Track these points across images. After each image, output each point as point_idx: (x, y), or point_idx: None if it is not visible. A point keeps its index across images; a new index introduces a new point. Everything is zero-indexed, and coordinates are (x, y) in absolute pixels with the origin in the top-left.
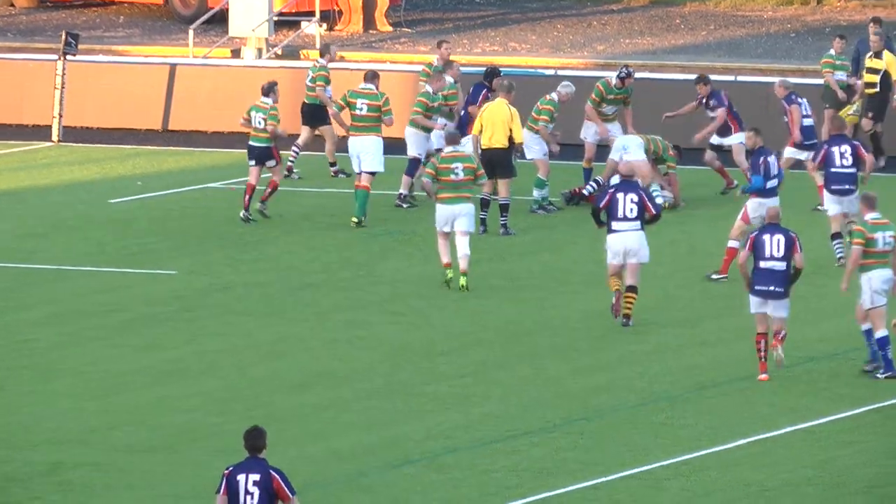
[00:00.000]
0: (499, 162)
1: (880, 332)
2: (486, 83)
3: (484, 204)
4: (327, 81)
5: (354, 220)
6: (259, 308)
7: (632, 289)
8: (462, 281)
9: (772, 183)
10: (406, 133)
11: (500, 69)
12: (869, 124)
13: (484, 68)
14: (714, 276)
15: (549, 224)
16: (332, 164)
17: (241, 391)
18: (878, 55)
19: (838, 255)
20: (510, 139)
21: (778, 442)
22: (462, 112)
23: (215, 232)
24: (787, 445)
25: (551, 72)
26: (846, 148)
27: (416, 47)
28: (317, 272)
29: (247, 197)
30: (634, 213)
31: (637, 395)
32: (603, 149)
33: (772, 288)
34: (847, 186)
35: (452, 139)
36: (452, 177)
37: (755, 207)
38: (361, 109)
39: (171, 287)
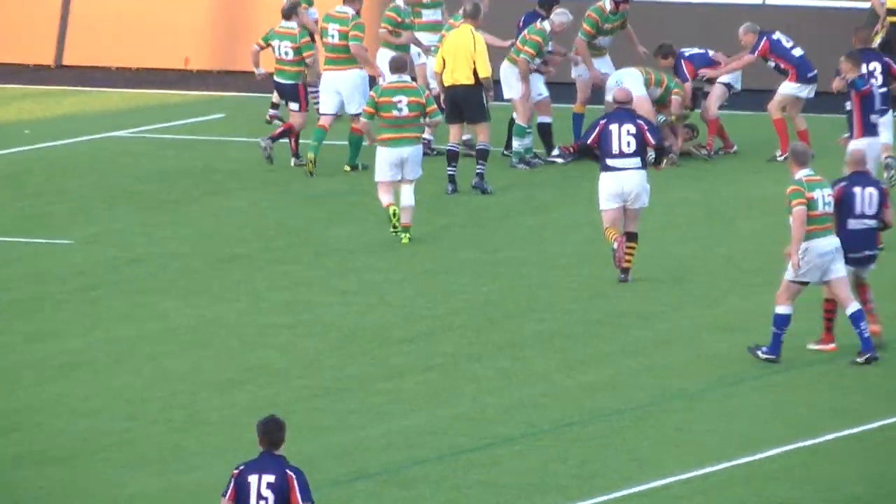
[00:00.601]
0: (465, 102)
1: (850, 308)
2: (542, 12)
3: (451, 157)
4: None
5: (348, 167)
6: (177, 286)
7: (632, 237)
8: (405, 238)
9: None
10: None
11: None
12: None
13: None
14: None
15: (534, 181)
16: (273, 107)
17: (155, 389)
18: None
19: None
20: (476, 73)
21: (819, 452)
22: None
23: (123, 191)
24: (831, 456)
25: None
26: (875, 65)
27: None
28: (248, 241)
29: (292, 141)
30: (633, 148)
31: (645, 394)
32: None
33: (866, 253)
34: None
35: (397, 65)
36: (395, 112)
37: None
38: (333, 37)
39: (69, 260)
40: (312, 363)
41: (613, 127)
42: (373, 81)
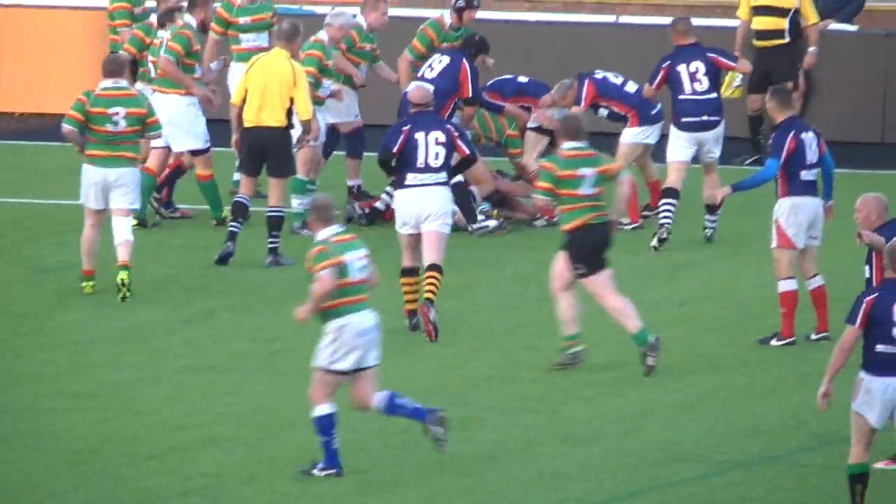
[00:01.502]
0: (272, 150)
1: (377, 401)
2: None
3: (237, 210)
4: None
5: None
6: None
7: (433, 268)
8: (122, 276)
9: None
10: None
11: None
12: (759, 101)
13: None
14: None
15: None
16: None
17: None
18: None
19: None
20: (290, 113)
21: None
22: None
23: None
24: None
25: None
26: (697, 65)
27: None
28: None
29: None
30: (440, 161)
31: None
32: None
33: None
34: (705, 118)
35: (111, 67)
36: (109, 126)
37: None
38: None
39: None
40: (37, 487)
41: (420, 135)
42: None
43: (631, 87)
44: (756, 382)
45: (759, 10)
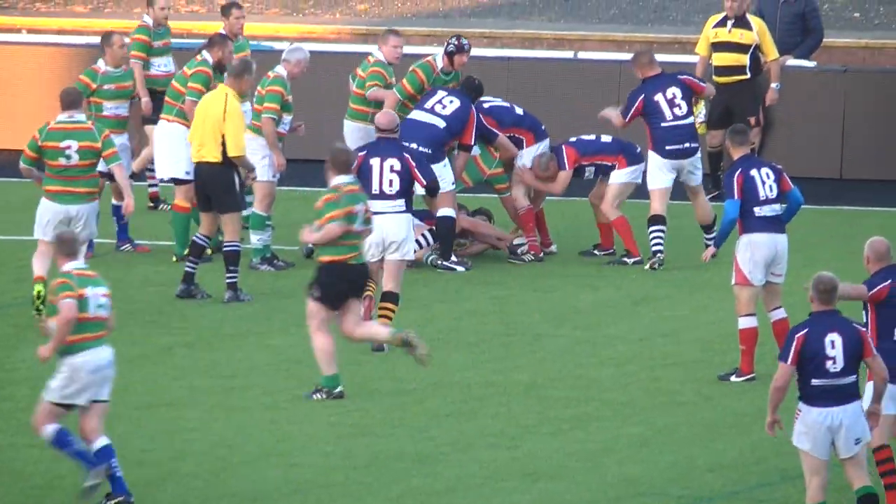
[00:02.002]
0: (210, 186)
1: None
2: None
3: (193, 250)
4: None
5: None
6: None
7: (389, 297)
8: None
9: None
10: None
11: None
12: (719, 137)
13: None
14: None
15: (281, 288)
16: None
17: None
18: (740, 22)
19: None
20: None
21: None
22: None
23: None
24: None
25: (284, 46)
26: (674, 91)
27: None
28: None
29: None
30: (396, 188)
31: None
32: None
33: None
34: (687, 145)
35: (69, 99)
36: (62, 160)
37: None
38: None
39: None
40: None
41: (375, 161)
42: None
43: (606, 137)
44: (716, 418)
45: (719, 47)
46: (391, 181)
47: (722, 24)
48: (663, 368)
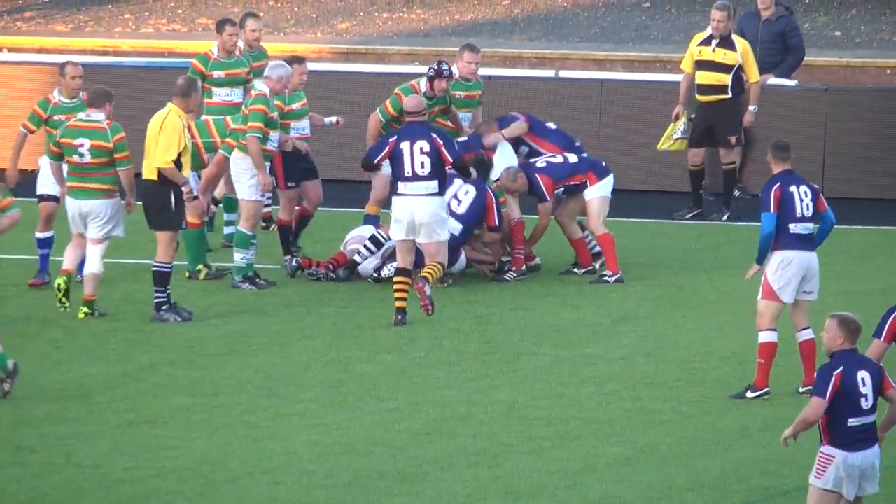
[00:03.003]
0: (145, 203)
1: None
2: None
3: (157, 278)
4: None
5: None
6: None
7: (438, 262)
8: (82, 312)
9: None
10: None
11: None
12: (700, 155)
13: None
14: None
15: (263, 307)
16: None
17: None
18: (725, 42)
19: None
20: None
21: None
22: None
23: None
24: None
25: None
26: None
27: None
28: None
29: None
30: (427, 170)
31: None
32: None
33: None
34: None
35: (91, 99)
36: (76, 157)
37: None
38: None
39: None
40: None
41: (405, 145)
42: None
43: (572, 157)
44: (697, 437)
45: (702, 65)
46: (423, 163)
47: (707, 42)
48: (644, 387)
